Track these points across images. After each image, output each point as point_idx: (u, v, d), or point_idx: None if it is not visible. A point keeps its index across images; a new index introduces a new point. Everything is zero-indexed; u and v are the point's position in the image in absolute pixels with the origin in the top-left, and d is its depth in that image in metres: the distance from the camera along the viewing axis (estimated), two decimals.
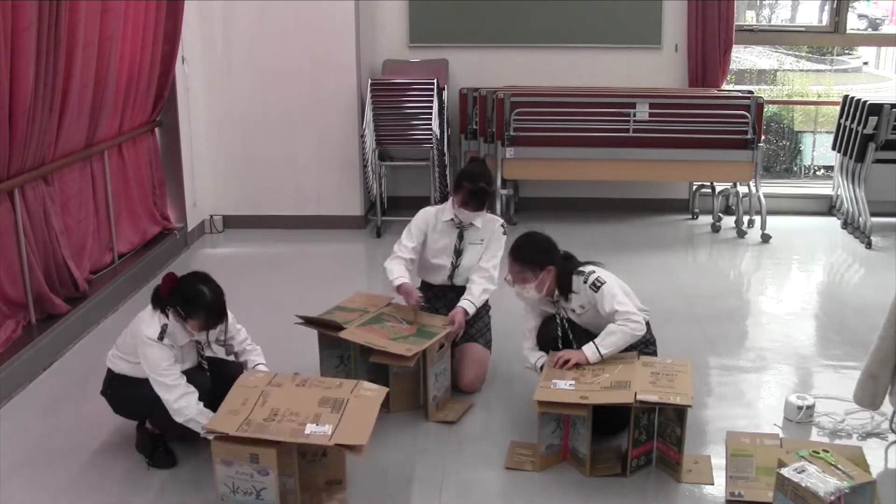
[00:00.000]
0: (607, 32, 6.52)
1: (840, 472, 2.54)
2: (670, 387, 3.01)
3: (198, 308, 3.01)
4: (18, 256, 3.90)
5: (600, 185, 6.66)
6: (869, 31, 8.07)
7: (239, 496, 2.73)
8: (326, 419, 2.75)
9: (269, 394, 2.89)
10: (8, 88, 3.59)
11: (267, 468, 2.67)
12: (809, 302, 4.99)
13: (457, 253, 3.74)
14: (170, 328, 3.00)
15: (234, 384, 2.96)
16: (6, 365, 3.65)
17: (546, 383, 3.08)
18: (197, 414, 2.95)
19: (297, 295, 4.89)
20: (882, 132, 5.87)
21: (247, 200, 6.27)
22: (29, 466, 3.10)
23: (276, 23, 5.97)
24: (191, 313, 3.01)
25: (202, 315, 3.02)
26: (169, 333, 3.00)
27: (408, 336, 3.44)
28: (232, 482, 2.72)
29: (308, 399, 2.86)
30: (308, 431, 2.69)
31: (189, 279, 3.10)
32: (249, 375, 3.09)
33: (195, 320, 3.02)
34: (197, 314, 3.01)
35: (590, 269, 3.29)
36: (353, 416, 2.79)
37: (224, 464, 2.71)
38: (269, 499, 2.70)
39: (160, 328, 2.99)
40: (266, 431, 2.69)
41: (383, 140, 6.04)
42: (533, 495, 2.95)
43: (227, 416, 2.78)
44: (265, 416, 2.77)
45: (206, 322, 3.04)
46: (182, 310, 3.01)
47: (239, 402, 2.84)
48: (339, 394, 2.90)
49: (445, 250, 3.74)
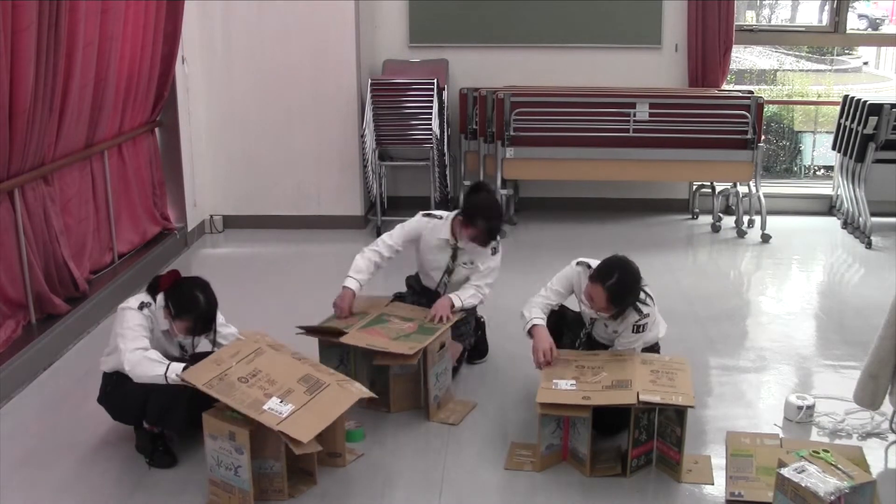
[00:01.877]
0: (607, 32, 6.52)
1: (840, 472, 2.54)
2: (671, 386, 3.01)
3: (188, 312, 3.07)
4: (18, 256, 3.90)
5: (600, 185, 6.66)
6: (869, 31, 8.06)
7: (222, 470, 2.79)
8: (293, 399, 2.78)
9: (263, 353, 2.94)
10: (8, 88, 3.59)
11: (241, 447, 2.71)
12: (809, 302, 4.99)
13: (447, 272, 3.75)
14: (153, 308, 3.08)
15: (243, 334, 3.05)
16: (6, 365, 3.65)
17: (547, 384, 3.08)
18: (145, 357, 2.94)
19: (297, 295, 4.89)
20: (882, 132, 5.87)
21: (247, 200, 6.27)
22: (29, 466, 3.10)
23: (276, 23, 5.97)
24: (181, 315, 3.07)
25: (190, 320, 3.08)
26: (151, 310, 3.08)
27: (410, 334, 3.44)
28: (217, 455, 2.79)
29: (292, 372, 2.91)
30: (266, 406, 2.72)
31: (188, 282, 3.15)
32: (259, 334, 3.12)
33: (183, 322, 3.08)
34: (186, 317, 3.07)
35: (646, 312, 3.26)
36: (319, 406, 2.82)
37: (211, 437, 2.78)
38: (244, 476, 2.75)
39: (142, 301, 3.08)
40: (230, 394, 2.73)
41: (383, 140, 6.04)
42: (533, 495, 2.95)
43: (210, 365, 2.85)
44: (242, 374, 2.82)
45: (193, 327, 3.11)
46: (173, 309, 3.07)
47: (230, 353, 2.91)
48: (324, 378, 2.94)
49: (437, 267, 3.76)
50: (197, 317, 3.08)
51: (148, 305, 3.08)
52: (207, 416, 2.78)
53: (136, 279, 4.99)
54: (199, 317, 3.09)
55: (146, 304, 3.08)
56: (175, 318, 3.07)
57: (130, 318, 3.04)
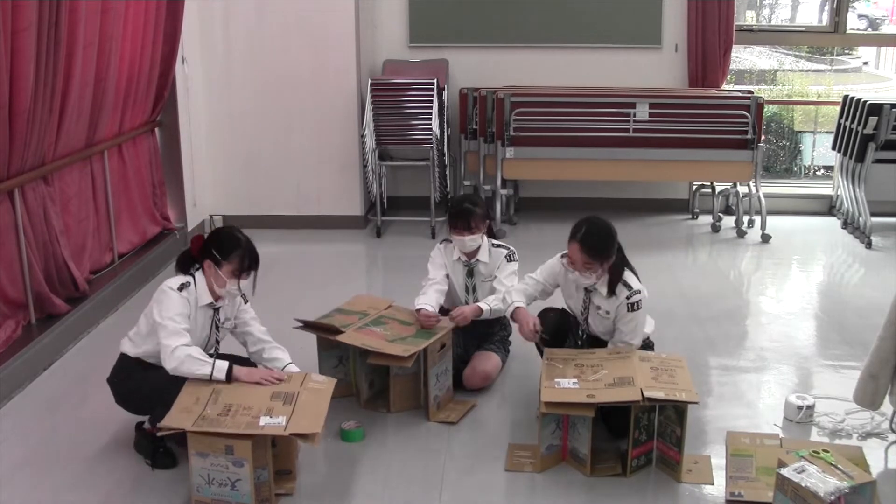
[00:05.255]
0: (607, 32, 6.52)
1: (840, 472, 2.54)
2: (673, 383, 3.02)
3: (234, 248, 3.07)
4: (18, 256, 3.90)
5: (600, 185, 6.66)
6: (869, 31, 8.06)
7: (214, 487, 2.76)
8: (279, 411, 2.82)
9: (221, 391, 2.92)
10: (8, 88, 3.58)
11: (242, 459, 2.71)
12: (809, 302, 4.99)
13: (468, 290, 3.78)
14: (192, 287, 3.07)
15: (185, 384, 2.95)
16: (6, 365, 3.65)
17: (549, 383, 3.08)
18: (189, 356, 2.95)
19: (297, 295, 4.89)
20: (882, 132, 5.87)
21: (247, 200, 6.27)
22: (29, 466, 3.10)
23: (276, 23, 5.97)
24: (226, 255, 3.06)
25: (238, 256, 3.07)
26: (190, 291, 3.06)
27: (406, 337, 3.44)
28: (207, 473, 2.76)
29: (260, 394, 2.92)
30: (262, 423, 2.75)
31: (222, 229, 3.20)
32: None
33: (230, 263, 3.06)
34: (233, 255, 3.06)
35: (636, 288, 3.30)
36: (306, 408, 2.87)
37: (199, 455, 2.75)
38: (244, 489, 2.74)
39: (182, 283, 3.07)
40: (222, 426, 2.73)
41: (383, 140, 6.04)
42: (533, 495, 2.95)
43: (181, 413, 2.81)
44: (219, 411, 2.81)
45: (241, 264, 3.08)
46: (217, 253, 3.06)
47: (191, 401, 2.87)
48: (289, 388, 2.97)
49: (460, 288, 3.79)
50: (244, 252, 3.08)
51: (187, 286, 3.07)
52: (193, 435, 2.74)
53: (136, 279, 4.99)
54: (246, 251, 3.09)
55: (185, 286, 3.07)
56: (222, 264, 3.05)
57: (173, 305, 3.00)
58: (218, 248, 3.08)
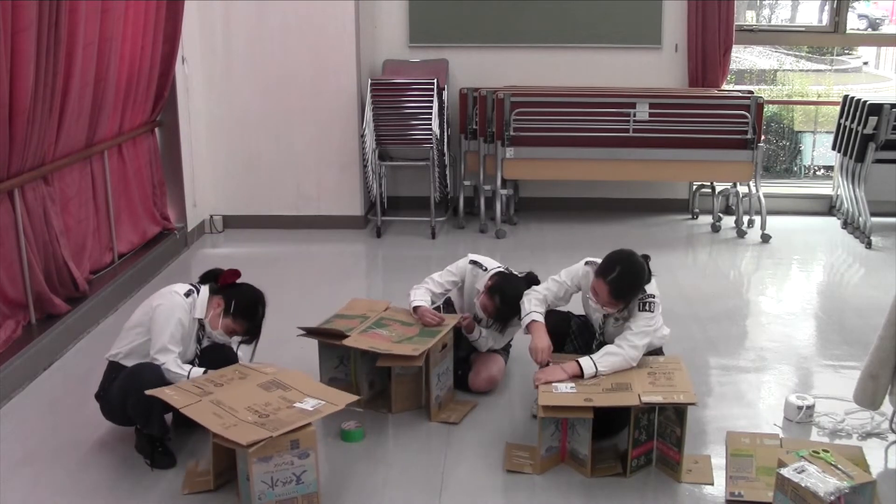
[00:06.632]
0: (607, 32, 6.52)
1: (840, 472, 2.54)
2: (671, 385, 3.02)
3: (246, 319, 3.19)
4: (18, 256, 3.90)
5: (600, 185, 6.67)
6: (869, 31, 8.06)
7: (278, 488, 2.73)
8: (295, 397, 2.88)
9: (221, 402, 2.84)
10: (8, 88, 3.58)
11: (307, 450, 2.73)
12: (809, 302, 4.99)
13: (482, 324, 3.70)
14: (195, 297, 3.16)
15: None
16: (6, 365, 3.64)
17: (547, 387, 3.07)
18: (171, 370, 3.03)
19: (297, 295, 4.89)
20: (882, 132, 5.87)
21: (247, 200, 6.27)
22: (29, 466, 3.10)
23: (276, 23, 5.97)
24: (237, 317, 3.17)
25: (243, 326, 3.19)
26: (193, 298, 3.15)
27: (412, 337, 3.44)
28: (270, 477, 2.71)
29: (257, 392, 2.92)
30: (310, 408, 2.81)
31: (253, 290, 3.25)
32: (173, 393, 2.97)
33: (235, 324, 3.18)
34: (241, 321, 3.18)
35: (650, 291, 3.26)
36: (311, 386, 2.97)
37: (262, 461, 2.68)
38: (310, 479, 2.76)
39: (189, 290, 3.16)
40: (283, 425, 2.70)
41: (383, 140, 6.04)
42: (533, 495, 2.95)
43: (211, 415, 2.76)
44: (252, 418, 2.75)
45: (244, 331, 3.21)
46: (234, 308, 3.15)
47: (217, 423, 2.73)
48: (270, 377, 3.01)
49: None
50: (250, 326, 3.21)
51: (191, 294, 3.16)
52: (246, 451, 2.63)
53: (136, 279, 4.99)
54: (253, 326, 3.22)
55: (191, 293, 3.16)
56: (230, 317, 3.16)
57: (175, 313, 3.08)
58: (236, 305, 3.17)
